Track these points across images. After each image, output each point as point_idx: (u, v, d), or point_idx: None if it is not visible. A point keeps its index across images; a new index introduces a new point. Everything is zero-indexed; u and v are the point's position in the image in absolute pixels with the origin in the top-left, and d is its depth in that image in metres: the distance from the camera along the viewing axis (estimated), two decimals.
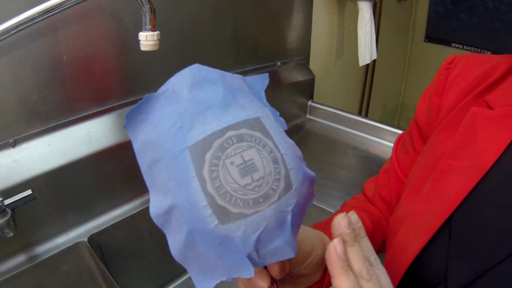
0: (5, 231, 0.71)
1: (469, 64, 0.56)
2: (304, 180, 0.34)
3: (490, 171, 0.45)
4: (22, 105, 0.83)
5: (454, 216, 0.46)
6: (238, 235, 0.31)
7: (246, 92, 0.36)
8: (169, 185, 0.32)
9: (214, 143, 0.31)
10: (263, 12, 1.31)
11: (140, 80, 1.02)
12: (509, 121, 0.46)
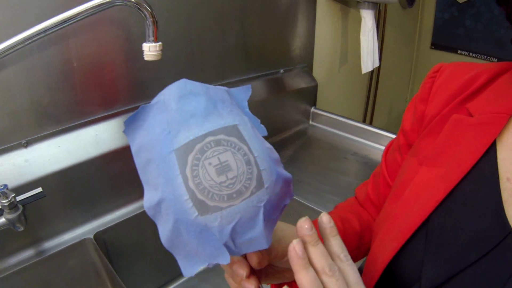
0: (16, 226, 0.77)
1: (454, 73, 0.58)
2: (278, 180, 0.39)
3: (467, 176, 0.48)
4: (34, 108, 0.88)
5: (430, 219, 0.49)
6: (215, 225, 0.36)
7: (227, 102, 0.41)
8: (158, 181, 0.37)
9: (195, 147, 0.36)
10: (267, 20, 1.36)
11: (146, 87, 1.07)
12: (487, 128, 0.49)
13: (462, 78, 0.56)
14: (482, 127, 0.49)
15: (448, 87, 0.57)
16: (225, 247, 0.37)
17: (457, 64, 0.60)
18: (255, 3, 1.29)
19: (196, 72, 1.20)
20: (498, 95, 0.51)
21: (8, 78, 0.83)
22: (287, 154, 1.38)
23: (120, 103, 1.04)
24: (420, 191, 0.51)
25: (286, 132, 1.52)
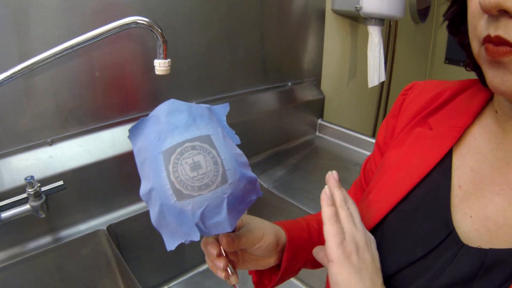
0: (39, 212, 0.88)
1: (423, 90, 0.64)
2: (241, 178, 0.49)
3: (421, 182, 0.54)
4: (59, 112, 1.00)
5: (387, 219, 0.55)
6: (189, 209, 0.46)
7: (206, 117, 0.52)
8: (150, 175, 0.49)
9: (176, 150, 0.48)
10: (276, 36, 1.46)
11: (158, 96, 1.18)
12: (443, 140, 0.55)
13: (429, 94, 0.62)
14: (439, 139, 0.55)
15: (416, 103, 0.62)
16: (197, 227, 0.48)
17: (428, 82, 0.65)
18: (264, 19, 1.40)
19: (205, 85, 1.31)
20: (457, 110, 0.57)
21: (38, 85, 0.95)
22: (292, 163, 1.47)
23: (136, 110, 1.15)
24: (381, 195, 0.58)
25: (293, 142, 1.61)
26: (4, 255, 0.94)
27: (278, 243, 0.63)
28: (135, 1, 1.05)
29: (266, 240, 0.60)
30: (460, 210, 0.49)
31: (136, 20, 0.75)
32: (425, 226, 0.51)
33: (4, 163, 0.94)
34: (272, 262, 0.64)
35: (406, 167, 0.56)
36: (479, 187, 0.49)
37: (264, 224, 0.63)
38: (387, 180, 0.58)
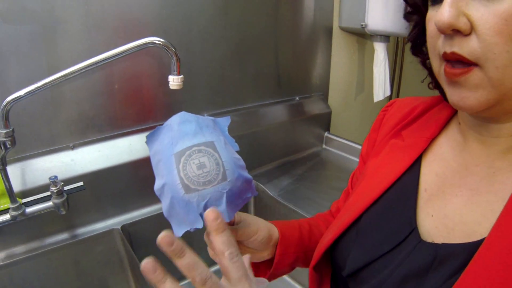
0: (60, 209, 0.98)
1: (400, 106, 0.71)
2: (238, 178, 0.58)
3: (392, 186, 0.62)
4: (81, 120, 1.11)
5: (361, 218, 0.62)
6: (194, 201, 0.55)
7: (210, 127, 0.62)
8: (163, 173, 0.58)
9: (186, 152, 0.57)
10: (285, 52, 1.55)
11: (173, 107, 1.28)
12: (412, 150, 0.62)
13: (405, 110, 0.69)
14: (409, 149, 0.63)
15: (394, 118, 0.70)
16: (200, 216, 0.56)
17: (406, 98, 0.73)
18: (274, 37, 1.49)
19: (217, 98, 1.40)
20: (426, 123, 0.65)
21: (63, 94, 1.06)
22: (298, 173, 1.54)
23: (151, 120, 1.25)
24: (358, 197, 0.65)
25: (300, 154, 1.69)
26: (24, 248, 1.04)
27: (271, 238, 0.71)
28: (152, 20, 1.16)
29: (260, 234, 0.69)
30: (423, 210, 0.56)
31: (153, 40, 0.84)
32: (393, 225, 0.57)
33: (30, 164, 1.04)
34: (266, 255, 0.72)
35: (380, 173, 0.64)
36: (441, 189, 0.56)
37: (259, 221, 0.71)
38: (364, 185, 0.66)
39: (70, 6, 1.02)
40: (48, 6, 1.00)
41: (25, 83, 0.85)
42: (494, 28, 0.42)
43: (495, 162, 0.53)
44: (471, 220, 0.51)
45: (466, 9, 0.44)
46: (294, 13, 1.53)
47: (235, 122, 1.45)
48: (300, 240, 0.75)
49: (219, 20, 1.31)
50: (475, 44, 0.44)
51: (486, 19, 0.43)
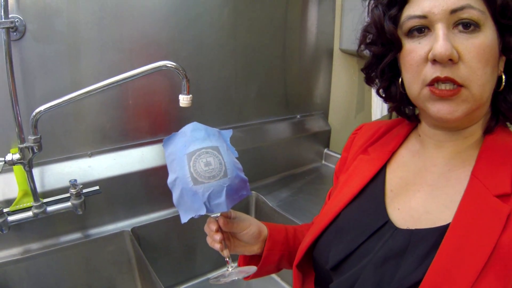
0: (78, 210, 1.09)
1: (367, 129, 0.83)
2: (236, 176, 0.69)
3: (362, 191, 0.72)
4: (99, 131, 1.23)
5: (338, 218, 0.73)
6: (200, 192, 0.66)
7: (216, 136, 0.74)
8: (176, 169, 0.69)
9: (196, 153, 0.68)
10: (287, 73, 1.67)
11: (182, 122, 1.36)
12: (377, 161, 0.74)
13: (371, 131, 0.81)
14: (374, 161, 0.75)
15: (362, 138, 0.82)
16: (204, 205, 0.67)
17: (372, 122, 0.85)
18: (277, 58, 1.61)
19: (224, 115, 1.52)
20: (389, 140, 0.76)
21: (83, 107, 1.18)
22: (297, 186, 1.64)
23: (162, 133, 1.37)
24: (334, 202, 0.76)
25: (300, 168, 1.79)
26: (40, 244, 1.15)
27: (260, 233, 0.81)
28: (165, 42, 1.29)
29: (251, 228, 0.80)
30: (391, 206, 0.67)
31: (166, 64, 0.96)
32: (366, 220, 0.68)
33: (51, 168, 1.16)
34: (256, 249, 0.82)
35: (351, 182, 0.75)
36: (405, 188, 0.68)
37: (251, 218, 0.82)
38: (337, 193, 0.77)
39: (92, 29, 1.15)
40: (73, 28, 1.13)
41: (51, 96, 0.98)
42: (476, 56, 0.55)
43: (450, 161, 0.64)
44: (434, 209, 0.62)
45: (454, 42, 0.56)
46: (297, 37, 1.66)
47: (240, 137, 1.56)
48: (285, 240, 0.85)
49: (227, 43, 1.44)
50: (463, 70, 0.56)
51: (470, 50, 0.55)
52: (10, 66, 0.98)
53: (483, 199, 0.57)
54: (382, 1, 0.66)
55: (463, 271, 0.52)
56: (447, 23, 0.56)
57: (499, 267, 0.51)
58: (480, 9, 0.55)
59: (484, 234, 0.54)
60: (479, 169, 0.60)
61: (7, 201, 1.08)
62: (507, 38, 0.58)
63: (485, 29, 0.56)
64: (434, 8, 0.56)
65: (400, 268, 0.58)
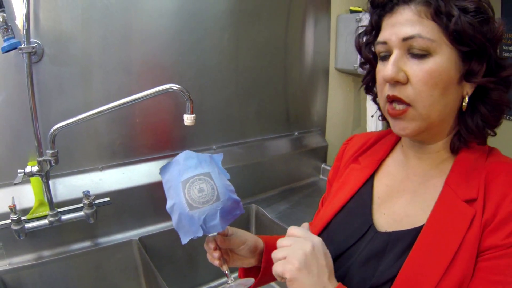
0: (90, 219, 1.18)
1: (357, 139, 0.91)
2: (229, 199, 0.75)
3: (352, 197, 0.80)
4: (109, 146, 1.33)
5: (330, 223, 0.80)
6: (196, 216, 0.72)
7: (207, 162, 0.79)
8: (173, 195, 0.75)
9: (189, 180, 0.74)
10: (285, 92, 1.77)
11: (186, 139, 1.49)
12: (366, 170, 0.81)
13: (361, 141, 0.89)
14: (364, 170, 0.82)
15: (353, 148, 0.89)
16: (201, 227, 0.73)
17: (362, 134, 0.93)
18: (275, 78, 1.72)
19: (225, 132, 1.62)
20: (378, 150, 0.84)
21: (95, 125, 1.29)
22: (295, 199, 1.72)
23: (168, 149, 1.47)
24: (327, 209, 0.83)
25: (298, 182, 1.87)
26: (53, 251, 1.24)
27: (257, 247, 0.87)
28: (170, 65, 1.40)
29: (247, 244, 0.85)
30: (378, 211, 0.75)
31: (171, 86, 1.05)
32: (355, 225, 0.75)
33: (65, 180, 1.26)
34: (253, 262, 0.88)
35: (343, 189, 0.83)
36: (390, 195, 0.76)
37: (247, 234, 0.88)
38: (330, 200, 0.85)
39: (104, 53, 1.26)
40: (87, 52, 1.24)
41: (65, 114, 1.08)
42: (422, 80, 0.63)
43: (428, 171, 0.73)
44: (413, 213, 0.70)
45: (404, 66, 0.64)
46: (295, 58, 1.77)
47: (241, 154, 1.65)
48: None
49: (228, 65, 1.55)
50: (410, 91, 0.64)
51: (417, 74, 0.63)
52: (31, 87, 1.08)
53: (453, 203, 0.65)
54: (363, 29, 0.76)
55: (433, 265, 0.60)
56: (402, 49, 0.65)
57: (464, 261, 0.60)
58: (430, 38, 0.62)
59: (453, 233, 0.62)
60: (452, 179, 0.68)
61: (23, 210, 1.17)
62: (471, 64, 0.64)
63: (437, 55, 0.63)
64: (392, 36, 0.65)
65: (381, 266, 0.66)
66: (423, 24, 0.63)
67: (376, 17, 0.71)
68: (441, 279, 0.59)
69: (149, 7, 1.33)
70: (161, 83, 1.08)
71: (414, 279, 0.61)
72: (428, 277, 0.60)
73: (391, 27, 0.66)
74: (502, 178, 0.64)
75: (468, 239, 0.61)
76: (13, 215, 1.09)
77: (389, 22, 0.67)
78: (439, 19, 0.63)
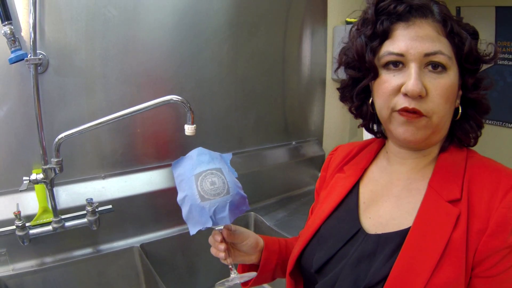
0: (93, 226, 1.21)
1: (342, 150, 0.94)
2: (237, 194, 0.80)
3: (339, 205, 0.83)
4: (112, 156, 1.36)
5: (320, 229, 0.83)
6: (207, 207, 0.76)
7: (218, 159, 0.84)
8: (185, 188, 0.80)
9: (202, 174, 0.79)
10: (282, 102, 1.81)
11: (187, 149, 1.48)
12: (351, 178, 0.85)
13: (346, 151, 0.92)
14: (349, 178, 0.86)
15: (338, 158, 0.93)
16: (210, 218, 0.77)
17: (346, 144, 0.96)
18: (273, 89, 1.76)
19: (224, 142, 1.66)
20: (361, 158, 0.88)
21: (98, 134, 1.32)
22: (292, 207, 1.75)
23: (168, 158, 1.50)
24: (315, 217, 0.86)
25: (296, 191, 1.91)
26: (55, 258, 1.27)
27: (257, 244, 0.91)
28: (171, 77, 1.44)
29: (250, 240, 0.89)
30: (364, 216, 0.79)
31: (173, 98, 1.09)
32: (343, 229, 0.79)
33: (68, 188, 1.29)
34: (253, 258, 0.92)
35: (330, 198, 0.86)
36: (375, 200, 0.79)
37: (249, 231, 0.92)
38: (319, 208, 0.88)
39: (107, 64, 1.30)
40: (90, 63, 1.28)
41: (69, 124, 1.12)
42: (440, 94, 0.67)
43: (411, 175, 0.76)
44: (398, 216, 0.73)
45: (423, 80, 0.67)
46: (292, 68, 1.82)
47: (239, 163, 1.69)
48: (279, 250, 0.95)
49: (227, 76, 1.59)
50: (429, 104, 0.67)
51: (435, 88, 0.67)
52: (37, 97, 1.12)
53: (437, 204, 0.68)
54: (365, 32, 0.73)
55: (422, 265, 0.64)
56: (420, 63, 0.67)
57: (452, 259, 0.63)
58: (448, 55, 0.67)
59: (439, 233, 0.65)
60: (434, 181, 0.72)
61: (27, 217, 1.20)
62: (467, 79, 0.71)
63: (450, 71, 0.67)
64: (412, 49, 0.66)
65: (372, 267, 0.69)
66: (441, 41, 0.67)
67: (388, 24, 0.70)
68: (431, 276, 0.62)
69: (150, 20, 1.37)
70: (162, 93, 1.12)
71: (405, 278, 0.64)
72: (418, 276, 0.63)
73: (411, 39, 0.67)
74: (484, 177, 0.68)
75: (454, 238, 0.64)
76: (18, 221, 1.12)
77: (406, 34, 0.68)
78: (452, 38, 0.68)
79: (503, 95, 2.07)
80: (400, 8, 0.69)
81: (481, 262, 0.63)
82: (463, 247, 0.63)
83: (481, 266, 0.63)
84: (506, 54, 2.03)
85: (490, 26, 2.04)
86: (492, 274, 0.63)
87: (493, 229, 0.63)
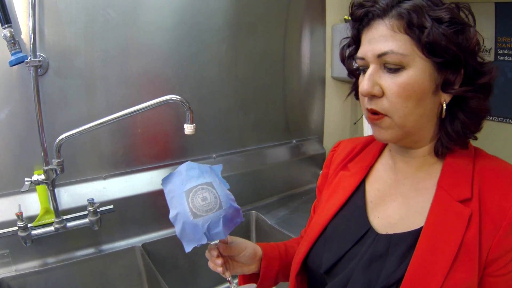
0: (94, 226, 1.22)
1: (345, 146, 0.93)
2: (230, 207, 0.78)
3: (345, 203, 0.83)
4: (113, 156, 1.37)
5: (326, 229, 0.83)
6: (200, 224, 0.75)
7: (208, 172, 0.83)
8: (176, 205, 0.78)
9: (193, 190, 0.77)
10: (282, 101, 1.82)
11: (187, 149, 1.53)
12: (356, 176, 0.84)
13: (349, 148, 0.91)
14: (354, 176, 0.85)
15: (341, 155, 0.92)
16: (205, 235, 0.76)
17: (349, 139, 0.95)
18: (272, 88, 1.77)
19: (224, 141, 1.66)
20: (366, 156, 0.87)
21: (98, 135, 1.33)
22: (294, 206, 1.75)
23: (169, 158, 1.51)
24: (319, 216, 0.86)
25: (296, 189, 1.91)
26: (57, 258, 1.28)
27: (256, 254, 0.90)
28: (171, 77, 1.45)
29: (247, 251, 0.88)
30: (371, 215, 0.78)
31: (172, 97, 1.10)
32: (351, 228, 0.78)
33: (70, 189, 1.30)
34: (253, 268, 0.91)
35: (335, 196, 0.85)
36: (382, 199, 0.79)
37: (246, 241, 0.91)
38: (323, 207, 0.87)
39: (107, 66, 1.31)
40: (90, 65, 1.29)
41: (70, 125, 1.12)
42: (396, 93, 0.66)
43: (417, 174, 0.75)
44: (407, 216, 0.72)
45: (379, 80, 0.68)
46: (292, 67, 1.82)
47: (240, 162, 1.70)
48: (278, 256, 0.94)
49: (227, 76, 1.59)
50: (385, 103, 0.67)
51: (391, 87, 0.67)
52: (37, 99, 1.13)
53: (448, 204, 0.68)
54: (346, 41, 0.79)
55: (437, 266, 0.63)
56: (377, 64, 0.68)
57: (466, 259, 0.63)
58: (402, 53, 0.65)
59: (451, 234, 0.65)
60: (444, 181, 0.71)
61: (29, 217, 1.21)
62: (446, 75, 0.67)
63: (410, 68, 0.65)
64: (368, 52, 0.68)
65: (384, 268, 0.69)
66: (396, 39, 0.65)
67: (355, 31, 0.74)
68: (446, 277, 0.62)
69: (149, 21, 1.38)
70: (162, 94, 1.13)
71: (420, 279, 0.64)
72: (434, 277, 0.63)
73: (368, 43, 0.69)
74: (494, 177, 0.68)
75: (467, 238, 0.64)
76: (20, 222, 1.13)
77: (366, 38, 0.70)
78: (412, 32, 0.64)
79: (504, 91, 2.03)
80: (358, 12, 0.71)
81: (493, 262, 0.63)
82: (476, 247, 0.63)
83: (493, 265, 0.63)
84: (506, 50, 2.01)
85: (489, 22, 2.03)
86: (504, 273, 0.63)
87: (506, 229, 0.63)
